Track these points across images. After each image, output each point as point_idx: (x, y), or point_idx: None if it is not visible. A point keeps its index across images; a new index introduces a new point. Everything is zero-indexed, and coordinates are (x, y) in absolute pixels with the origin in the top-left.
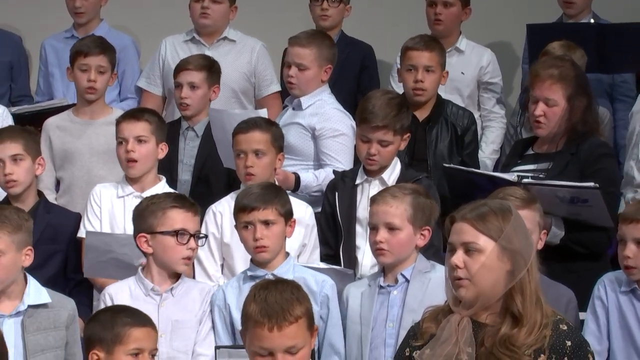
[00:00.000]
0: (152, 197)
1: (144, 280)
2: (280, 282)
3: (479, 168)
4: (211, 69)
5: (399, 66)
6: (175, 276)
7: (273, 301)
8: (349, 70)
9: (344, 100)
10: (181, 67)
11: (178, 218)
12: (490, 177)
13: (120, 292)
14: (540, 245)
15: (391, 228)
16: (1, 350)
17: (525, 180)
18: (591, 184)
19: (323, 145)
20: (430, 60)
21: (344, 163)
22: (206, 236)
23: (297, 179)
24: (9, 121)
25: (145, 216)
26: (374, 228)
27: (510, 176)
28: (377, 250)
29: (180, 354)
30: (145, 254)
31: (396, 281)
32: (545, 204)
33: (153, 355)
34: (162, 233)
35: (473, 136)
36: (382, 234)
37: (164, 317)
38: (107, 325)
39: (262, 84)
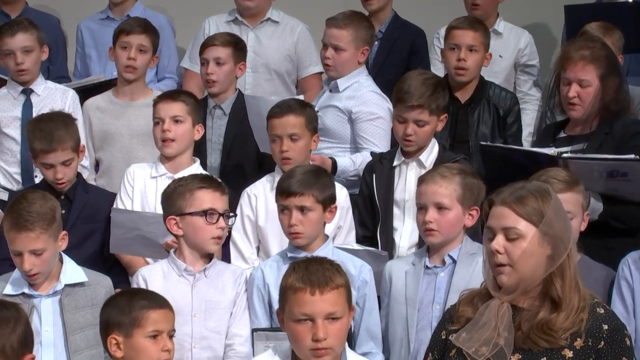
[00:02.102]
0: (180, 179)
1: (177, 260)
2: (318, 258)
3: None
4: (237, 45)
5: (438, 47)
6: (207, 257)
7: (314, 270)
8: (398, 53)
9: (390, 84)
10: (207, 43)
11: (206, 198)
12: (529, 152)
13: (153, 274)
14: (583, 227)
15: (440, 208)
16: (26, 331)
17: (565, 154)
18: (632, 155)
19: (360, 129)
20: (474, 39)
21: (381, 146)
22: (235, 215)
23: (334, 163)
24: (78, 103)
25: (173, 199)
26: (422, 208)
27: (550, 150)
28: (426, 231)
29: (214, 333)
30: (176, 237)
31: (443, 262)
32: (583, 179)
33: (171, 336)
34: (191, 214)
35: (516, 117)
36: (432, 214)
37: (197, 297)
38: (124, 309)
39: (303, 65)
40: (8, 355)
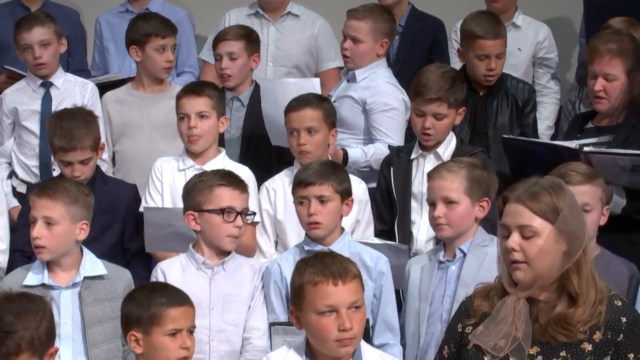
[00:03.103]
0: (201, 174)
1: (195, 254)
2: (327, 252)
3: (538, 138)
4: (249, 37)
5: (456, 41)
6: (225, 252)
7: (330, 262)
8: (419, 46)
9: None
10: (219, 38)
11: (225, 196)
12: (550, 145)
13: (172, 267)
14: (602, 221)
15: (449, 202)
16: (51, 324)
17: (586, 148)
18: None
19: (373, 120)
20: (501, 47)
21: (394, 138)
22: (254, 213)
23: (346, 154)
24: (97, 97)
25: (193, 194)
26: (432, 204)
27: (571, 144)
28: (436, 226)
29: (231, 327)
30: (195, 231)
31: (454, 256)
32: (606, 173)
33: (191, 332)
34: (208, 211)
35: (532, 107)
36: (440, 209)
37: (215, 291)
38: (143, 306)
39: (322, 59)
40: (36, 348)
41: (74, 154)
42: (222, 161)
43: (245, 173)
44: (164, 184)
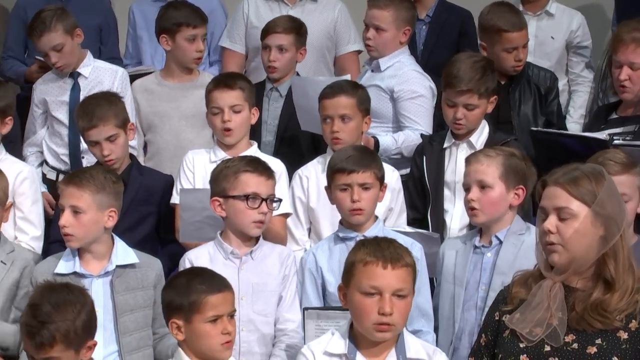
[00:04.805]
0: (227, 160)
1: (223, 244)
2: (387, 237)
3: (564, 125)
4: (299, 31)
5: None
6: (253, 239)
7: (386, 246)
8: (447, 36)
9: (442, 67)
10: (270, 29)
11: (250, 182)
12: (579, 137)
13: (200, 257)
14: None
15: (483, 186)
16: (90, 317)
17: (615, 141)
18: None
19: (402, 107)
20: (526, 36)
21: (423, 125)
22: (280, 200)
23: (377, 142)
24: (127, 82)
25: (219, 180)
26: (467, 189)
27: (601, 135)
28: (469, 210)
29: (261, 316)
30: (222, 218)
31: (490, 243)
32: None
33: (232, 316)
34: (233, 197)
35: (555, 94)
36: (474, 193)
37: (244, 280)
38: (182, 293)
39: (341, 42)
40: (71, 341)
41: (97, 131)
42: (253, 153)
43: (277, 165)
44: (196, 176)
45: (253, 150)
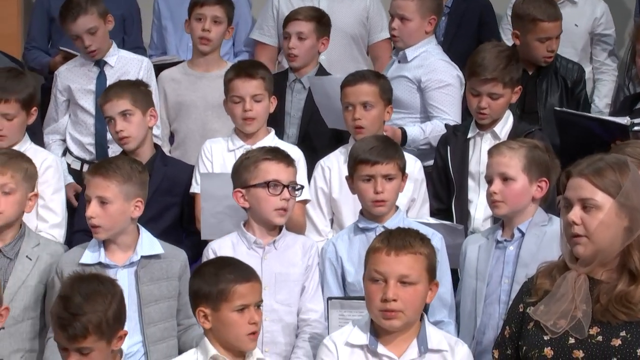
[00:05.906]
0: (247, 152)
1: (246, 233)
2: (407, 228)
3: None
4: (321, 20)
5: (508, 21)
6: (276, 230)
7: (397, 234)
8: (467, 26)
9: (462, 57)
10: (291, 17)
11: (270, 169)
12: (601, 120)
13: (223, 247)
14: None
15: (505, 178)
16: (120, 307)
17: (636, 127)
18: None
19: (429, 97)
20: (560, 27)
21: (451, 114)
22: (302, 187)
23: (404, 133)
24: (152, 72)
25: (240, 172)
26: (489, 180)
27: (622, 119)
28: (492, 203)
29: (284, 306)
30: (245, 210)
31: (512, 236)
32: None
33: (258, 307)
34: (254, 186)
35: (583, 86)
36: (497, 185)
37: (267, 270)
38: (210, 282)
39: (374, 30)
40: (103, 331)
41: (110, 105)
42: (271, 141)
43: (294, 152)
44: (215, 165)
45: (271, 138)
